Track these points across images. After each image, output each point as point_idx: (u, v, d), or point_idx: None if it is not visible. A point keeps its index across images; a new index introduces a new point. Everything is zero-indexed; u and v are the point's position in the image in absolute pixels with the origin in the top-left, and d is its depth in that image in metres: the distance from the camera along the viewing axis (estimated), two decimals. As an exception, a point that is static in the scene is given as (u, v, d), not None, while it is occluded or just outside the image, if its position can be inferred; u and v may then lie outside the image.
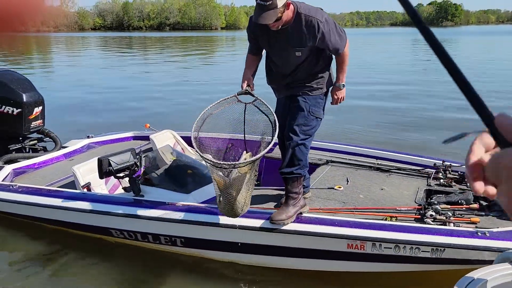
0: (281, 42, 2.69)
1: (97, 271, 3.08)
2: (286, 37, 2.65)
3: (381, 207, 2.96)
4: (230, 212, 2.59)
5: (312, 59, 2.75)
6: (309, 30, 2.59)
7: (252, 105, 2.76)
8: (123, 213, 3.01)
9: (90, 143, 4.78)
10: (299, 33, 2.61)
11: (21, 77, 4.63)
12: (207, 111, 2.74)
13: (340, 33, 2.69)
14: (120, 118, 8.16)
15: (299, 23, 2.60)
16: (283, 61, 2.80)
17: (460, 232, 2.48)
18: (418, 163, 3.70)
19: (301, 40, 2.63)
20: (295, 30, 2.62)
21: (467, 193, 2.96)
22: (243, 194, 2.56)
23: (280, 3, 2.44)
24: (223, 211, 2.65)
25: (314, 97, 2.80)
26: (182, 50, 30.14)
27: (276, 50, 2.77)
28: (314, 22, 2.57)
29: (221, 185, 2.52)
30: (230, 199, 2.52)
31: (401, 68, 16.54)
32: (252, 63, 2.93)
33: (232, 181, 2.47)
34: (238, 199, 2.53)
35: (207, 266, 3.03)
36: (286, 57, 2.75)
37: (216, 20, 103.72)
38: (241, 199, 2.56)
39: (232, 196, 2.51)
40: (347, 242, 2.64)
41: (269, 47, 2.80)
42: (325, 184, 3.39)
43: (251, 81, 2.85)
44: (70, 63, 21.45)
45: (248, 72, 2.88)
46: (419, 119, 7.72)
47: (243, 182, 2.51)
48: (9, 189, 3.46)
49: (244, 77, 2.85)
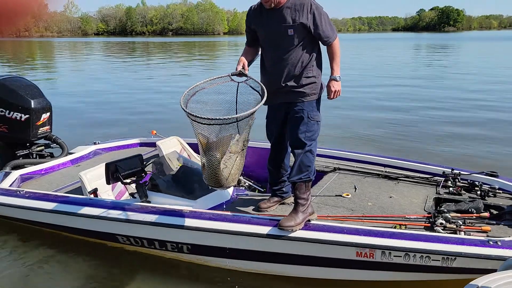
0: (274, 22, 2.78)
1: (102, 277, 3.07)
2: (278, 15, 2.76)
3: (390, 215, 2.93)
4: (214, 179, 2.56)
5: (306, 46, 2.78)
6: (302, 7, 2.72)
7: (245, 83, 2.81)
8: (130, 219, 2.99)
9: (97, 150, 4.79)
10: (292, 10, 2.74)
11: (29, 83, 4.64)
12: (199, 85, 2.75)
13: (331, 24, 2.81)
14: (126, 124, 8.19)
15: (295, 3, 2.74)
16: (276, 43, 2.82)
17: (472, 241, 2.45)
18: (427, 171, 3.68)
19: (293, 17, 2.73)
20: (288, 8, 2.75)
21: (477, 202, 2.93)
22: (229, 162, 2.51)
23: None
24: (206, 179, 2.62)
25: (309, 102, 2.83)
26: (185, 56, 30.25)
27: (270, 29, 2.83)
28: (309, 3, 2.72)
29: (204, 145, 2.49)
30: (214, 162, 2.46)
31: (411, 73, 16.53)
32: (248, 52, 3.01)
33: (217, 140, 2.43)
34: (223, 167, 2.48)
35: (214, 273, 3.01)
36: (279, 37, 2.79)
37: (219, 25, 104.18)
38: (227, 168, 2.52)
39: (216, 159, 2.45)
40: (356, 250, 2.61)
41: (262, 28, 2.87)
42: (333, 192, 3.36)
43: (246, 65, 2.91)
44: (75, 68, 21.55)
45: (244, 56, 2.96)
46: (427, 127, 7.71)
47: (228, 145, 2.47)
48: (17, 194, 3.46)
49: (240, 60, 2.92)
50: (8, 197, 3.47)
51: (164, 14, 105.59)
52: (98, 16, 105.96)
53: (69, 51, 36.69)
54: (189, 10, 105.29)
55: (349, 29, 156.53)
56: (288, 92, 2.83)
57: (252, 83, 2.80)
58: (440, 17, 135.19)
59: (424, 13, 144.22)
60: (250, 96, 2.80)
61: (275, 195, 3.21)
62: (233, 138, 2.55)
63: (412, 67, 19.55)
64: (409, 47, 39.01)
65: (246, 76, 2.82)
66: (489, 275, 1.77)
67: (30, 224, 3.55)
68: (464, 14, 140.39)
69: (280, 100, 2.88)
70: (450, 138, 6.75)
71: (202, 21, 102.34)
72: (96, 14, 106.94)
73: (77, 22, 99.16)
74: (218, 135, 2.52)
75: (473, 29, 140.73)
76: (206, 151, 2.51)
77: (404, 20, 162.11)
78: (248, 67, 2.93)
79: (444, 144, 6.43)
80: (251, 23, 2.93)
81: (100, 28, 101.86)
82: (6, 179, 3.78)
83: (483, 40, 53.41)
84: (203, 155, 2.57)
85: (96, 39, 71.85)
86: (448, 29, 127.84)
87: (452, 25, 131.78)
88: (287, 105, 2.87)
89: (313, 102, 2.83)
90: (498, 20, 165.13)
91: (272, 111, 3.00)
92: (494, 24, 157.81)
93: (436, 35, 77.48)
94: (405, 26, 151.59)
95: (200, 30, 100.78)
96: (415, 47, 37.86)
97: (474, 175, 3.50)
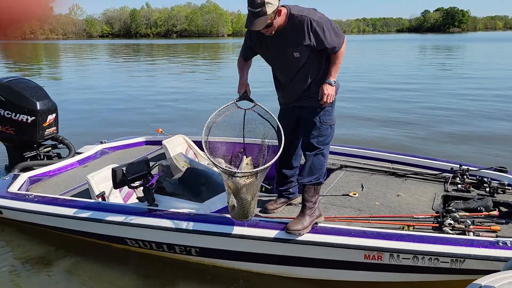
0: (278, 45, 2.72)
1: (111, 279, 3.08)
2: (281, 39, 2.68)
3: (398, 215, 2.92)
4: (243, 216, 2.61)
5: (313, 61, 2.72)
6: (303, 29, 2.60)
7: (252, 110, 2.82)
8: (138, 223, 3.00)
9: (104, 149, 4.81)
10: (294, 33, 2.63)
11: (34, 85, 4.68)
12: (210, 120, 2.80)
13: (336, 31, 2.67)
14: (131, 123, 8.24)
15: (293, 24, 2.63)
16: (284, 65, 2.80)
17: (481, 242, 2.43)
18: (435, 167, 3.65)
19: (296, 39, 2.63)
20: (289, 31, 2.64)
21: (486, 199, 2.91)
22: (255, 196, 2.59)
23: (269, 10, 2.49)
24: (235, 216, 2.66)
25: (322, 107, 2.79)
26: (189, 57, 30.33)
27: (275, 54, 2.79)
28: (307, 20, 2.59)
29: (234, 190, 2.53)
30: (245, 204, 2.54)
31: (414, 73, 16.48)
32: (244, 67, 2.98)
33: (247, 186, 2.50)
34: (253, 202, 2.57)
35: (222, 275, 3.01)
36: (285, 60, 2.75)
37: (223, 27, 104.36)
38: (253, 203, 2.60)
39: (248, 201, 2.53)
40: (364, 253, 2.60)
41: (268, 53, 2.82)
42: (340, 191, 3.36)
43: (248, 87, 2.91)
44: (80, 69, 21.68)
45: (243, 77, 2.93)
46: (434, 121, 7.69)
47: (258, 186, 2.55)
48: (26, 199, 3.48)
49: (241, 83, 2.91)
50: (18, 201, 3.49)
51: (168, 16, 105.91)
52: (103, 19, 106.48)
53: (74, 53, 36.88)
54: (193, 12, 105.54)
55: (353, 30, 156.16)
56: (301, 98, 2.82)
57: (260, 110, 2.80)
58: (445, 18, 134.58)
59: (428, 14, 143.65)
60: (257, 121, 2.83)
61: (282, 196, 3.21)
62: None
63: (418, 67, 19.49)
64: (415, 48, 38.87)
65: (252, 102, 2.84)
66: (492, 274, 1.76)
67: (39, 227, 3.57)
68: (469, 15, 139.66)
69: (293, 104, 2.89)
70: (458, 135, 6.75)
71: (206, 23, 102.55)
72: (101, 16, 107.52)
73: (82, 24, 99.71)
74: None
75: (478, 30, 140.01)
76: (236, 194, 2.54)
77: (409, 21, 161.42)
78: None
79: (451, 141, 6.43)
80: (254, 46, 2.86)
81: (105, 30, 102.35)
82: (15, 182, 3.81)
83: (489, 41, 53.09)
84: (233, 197, 2.58)
85: (101, 41, 72.16)
86: (453, 30, 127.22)
87: (457, 26, 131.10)
88: (299, 108, 2.85)
89: (325, 107, 2.79)
90: (503, 21, 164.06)
91: (284, 111, 3.01)
92: (500, 25, 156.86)
93: (442, 36, 77.17)
94: (410, 28, 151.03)
95: (204, 32, 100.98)
96: (421, 48, 37.72)
97: (483, 171, 3.47)
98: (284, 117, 2.98)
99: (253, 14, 2.49)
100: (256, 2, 2.46)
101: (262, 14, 2.48)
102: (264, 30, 2.59)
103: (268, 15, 2.49)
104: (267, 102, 2.93)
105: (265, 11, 2.47)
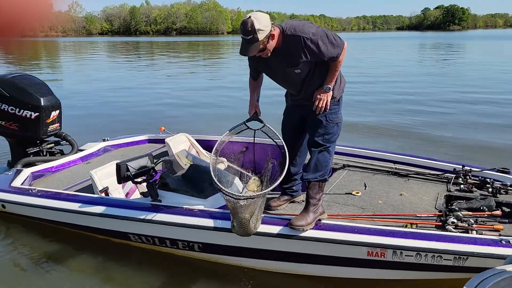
0: (277, 65, 2.74)
1: (113, 274, 3.09)
2: (279, 59, 2.69)
3: (401, 213, 2.93)
4: (243, 233, 2.61)
5: (315, 71, 2.72)
6: (297, 48, 2.60)
7: (261, 131, 2.89)
8: (142, 218, 3.01)
9: (106, 146, 4.82)
10: (289, 53, 2.64)
11: (38, 81, 4.68)
12: (220, 141, 2.87)
13: (333, 41, 2.63)
14: (133, 121, 8.24)
15: (287, 44, 2.62)
16: (286, 81, 2.84)
17: (484, 241, 2.44)
18: (437, 167, 3.66)
19: (292, 59, 2.64)
20: (285, 51, 2.65)
21: (489, 199, 2.92)
22: (255, 214, 2.57)
23: (261, 36, 2.51)
24: (236, 233, 2.65)
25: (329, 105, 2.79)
26: (189, 55, 30.30)
27: (276, 73, 2.81)
28: (300, 39, 2.57)
29: (232, 209, 2.53)
30: (244, 222, 2.52)
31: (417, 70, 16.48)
32: (255, 87, 3.03)
33: (245, 206, 2.49)
34: (252, 220, 2.55)
35: (224, 271, 3.02)
36: (287, 77, 2.77)
37: (223, 24, 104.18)
38: (253, 219, 2.58)
39: (246, 219, 2.52)
40: (367, 250, 2.61)
41: (270, 72, 2.85)
42: (343, 189, 3.36)
43: (258, 107, 2.98)
44: (80, 67, 21.65)
45: (253, 97, 3.00)
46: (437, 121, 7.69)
47: (257, 206, 2.54)
48: (29, 193, 3.49)
49: (251, 104, 2.98)
50: (20, 195, 3.50)
51: (168, 13, 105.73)
52: (103, 16, 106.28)
53: (74, 51, 36.82)
54: (193, 10, 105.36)
55: (353, 28, 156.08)
56: (309, 97, 2.83)
57: (267, 131, 2.86)
58: (445, 15, 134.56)
59: (429, 12, 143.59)
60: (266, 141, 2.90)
61: (285, 193, 3.22)
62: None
63: (420, 65, 19.48)
64: (414, 46, 38.84)
65: (261, 122, 2.90)
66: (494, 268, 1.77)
67: (42, 222, 3.58)
68: (470, 13, 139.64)
69: (299, 102, 2.91)
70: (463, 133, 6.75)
71: (206, 21, 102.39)
72: (101, 13, 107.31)
73: (82, 21, 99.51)
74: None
75: (479, 27, 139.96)
76: (234, 214, 2.54)
77: (409, 19, 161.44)
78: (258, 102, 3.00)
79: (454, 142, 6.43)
80: (254, 65, 2.90)
81: (104, 27, 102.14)
82: (18, 177, 3.81)
83: (489, 38, 53.03)
84: (232, 217, 2.59)
85: (100, 38, 72.05)
86: (453, 27, 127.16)
87: (457, 23, 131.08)
88: (306, 106, 2.86)
89: (332, 105, 2.79)
90: (503, 18, 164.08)
91: (290, 108, 3.03)
92: (500, 22, 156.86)
93: (442, 34, 77.10)
94: (410, 25, 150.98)
95: (204, 30, 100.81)
96: (422, 46, 37.69)
97: (486, 172, 3.48)
98: (289, 114, 3.00)
99: (246, 41, 2.53)
100: (247, 29, 2.49)
101: (254, 41, 2.51)
102: (259, 54, 2.62)
103: (260, 41, 2.52)
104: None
105: (256, 38, 2.50)
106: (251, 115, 2.96)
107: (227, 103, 10.14)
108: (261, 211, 2.68)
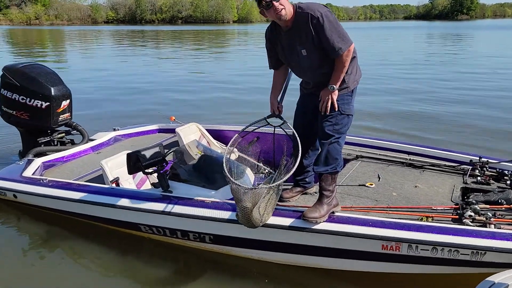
0: (289, 43, 2.72)
1: (124, 265, 3.09)
2: (291, 36, 2.68)
3: (416, 206, 2.88)
4: (247, 223, 2.57)
5: (323, 56, 2.65)
6: (305, 24, 2.58)
7: (280, 127, 2.89)
8: (153, 209, 2.99)
9: (117, 136, 4.82)
10: (299, 30, 2.62)
11: (49, 71, 4.67)
12: (240, 134, 2.90)
13: (340, 34, 2.57)
14: (144, 110, 8.22)
15: (298, 19, 2.62)
16: (296, 64, 2.80)
17: (503, 235, 2.39)
18: (453, 159, 3.58)
19: (301, 36, 2.62)
20: (296, 28, 2.64)
21: (507, 192, 2.85)
22: (261, 206, 2.54)
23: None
24: (242, 223, 2.61)
25: (341, 96, 2.74)
26: (196, 43, 30.15)
27: (291, 54, 2.77)
28: (308, 15, 2.57)
29: (235, 197, 2.50)
30: (245, 211, 2.49)
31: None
32: (277, 81, 2.98)
33: (246, 194, 2.46)
34: (255, 211, 2.50)
35: (235, 263, 3.01)
36: (296, 58, 2.74)
37: (228, 13, 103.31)
38: (260, 211, 2.54)
39: (248, 208, 2.48)
40: (381, 243, 2.57)
41: (284, 54, 2.81)
42: (356, 181, 3.31)
43: (280, 105, 2.98)
44: (88, 56, 21.61)
45: (275, 94, 2.98)
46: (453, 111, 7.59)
47: (260, 197, 2.49)
48: (40, 183, 3.48)
49: (272, 102, 2.97)
50: (32, 185, 3.50)
51: (173, 2, 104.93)
52: (108, 4, 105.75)
53: (80, 39, 36.74)
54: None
55: (360, 17, 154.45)
56: (320, 87, 2.78)
57: (286, 127, 2.87)
58: (453, 5, 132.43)
59: (437, 1, 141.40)
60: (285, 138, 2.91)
61: (298, 185, 3.18)
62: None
63: (431, 55, 19.25)
64: (426, 36, 38.36)
65: (282, 119, 2.91)
66: (506, 271, 1.73)
67: (52, 212, 3.58)
68: (478, 2, 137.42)
69: (314, 92, 2.85)
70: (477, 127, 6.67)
71: (212, 9, 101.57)
72: (106, 2, 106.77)
73: (87, 10, 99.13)
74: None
75: (487, 17, 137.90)
76: (237, 202, 2.51)
77: (417, 8, 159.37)
78: (282, 97, 2.99)
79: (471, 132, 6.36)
80: (272, 45, 2.85)
81: (109, 16, 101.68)
82: (29, 166, 3.81)
83: (499, 28, 52.23)
84: (236, 205, 2.56)
85: (106, 27, 71.70)
86: (461, 17, 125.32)
87: (466, 13, 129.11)
88: (318, 96, 2.80)
89: (344, 96, 2.74)
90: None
91: (303, 98, 2.99)
92: (509, 12, 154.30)
93: (450, 24, 76.06)
94: (417, 14, 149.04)
95: (209, 18, 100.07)
96: (431, 36, 37.19)
97: (503, 164, 3.40)
98: (303, 103, 2.96)
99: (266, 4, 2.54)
100: None
101: None
102: (278, 17, 2.58)
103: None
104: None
105: None
106: (271, 111, 2.97)
107: (234, 90, 10.07)
108: (271, 204, 2.64)
